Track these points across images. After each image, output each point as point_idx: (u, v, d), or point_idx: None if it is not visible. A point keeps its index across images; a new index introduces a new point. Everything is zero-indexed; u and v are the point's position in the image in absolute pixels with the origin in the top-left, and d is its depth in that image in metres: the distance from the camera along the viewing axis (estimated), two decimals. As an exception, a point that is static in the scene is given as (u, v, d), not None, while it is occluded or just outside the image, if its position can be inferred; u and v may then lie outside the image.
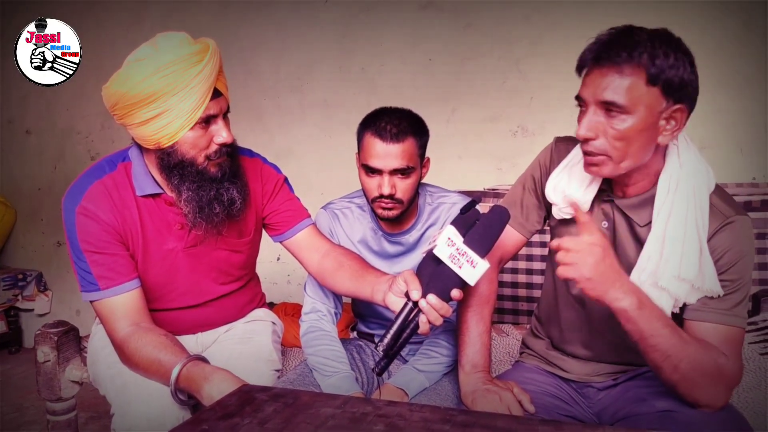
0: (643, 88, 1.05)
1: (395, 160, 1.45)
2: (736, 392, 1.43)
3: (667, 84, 1.05)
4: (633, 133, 1.08)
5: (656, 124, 1.08)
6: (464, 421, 0.91)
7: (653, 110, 1.07)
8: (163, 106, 1.25)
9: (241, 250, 1.54)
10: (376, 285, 1.31)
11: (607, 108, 1.07)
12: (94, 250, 1.35)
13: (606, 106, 1.08)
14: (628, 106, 1.06)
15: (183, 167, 1.33)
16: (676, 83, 1.05)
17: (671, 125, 1.09)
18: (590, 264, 1.02)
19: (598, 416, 1.28)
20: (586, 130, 1.10)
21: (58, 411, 1.74)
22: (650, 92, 1.05)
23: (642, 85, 1.05)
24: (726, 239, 1.10)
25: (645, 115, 1.07)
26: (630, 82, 1.05)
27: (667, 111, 1.07)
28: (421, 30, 2.91)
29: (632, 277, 1.14)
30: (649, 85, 1.05)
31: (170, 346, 1.32)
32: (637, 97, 1.05)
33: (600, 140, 1.10)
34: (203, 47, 1.29)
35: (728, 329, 1.10)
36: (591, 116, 1.10)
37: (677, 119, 1.09)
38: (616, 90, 1.06)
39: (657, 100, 1.06)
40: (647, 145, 1.10)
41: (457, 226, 1.11)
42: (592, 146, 1.11)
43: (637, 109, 1.06)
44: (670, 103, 1.07)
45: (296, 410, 0.95)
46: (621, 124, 1.07)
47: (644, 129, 1.08)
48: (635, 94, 1.05)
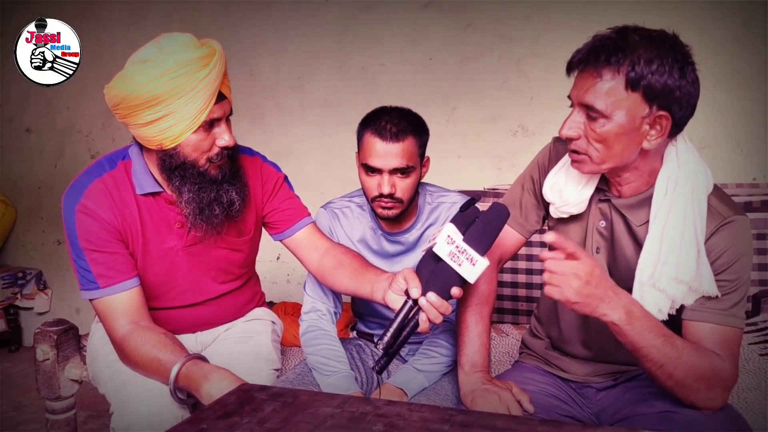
0: (622, 93, 1.05)
1: (395, 160, 1.45)
2: (735, 393, 1.43)
3: (649, 89, 1.05)
4: (611, 137, 1.08)
5: (638, 129, 1.08)
6: (463, 420, 0.91)
7: (634, 115, 1.07)
8: (168, 108, 1.25)
9: (240, 248, 1.54)
10: (375, 283, 1.31)
11: (588, 111, 1.09)
12: (94, 249, 1.35)
13: (587, 109, 1.09)
14: (606, 111, 1.07)
15: (184, 169, 1.33)
16: (657, 89, 1.05)
17: (656, 130, 1.09)
18: (574, 289, 1.02)
19: (598, 416, 1.28)
20: (567, 129, 1.12)
21: (57, 409, 1.74)
22: (630, 97, 1.06)
23: (621, 90, 1.05)
24: (724, 239, 1.10)
25: (625, 120, 1.07)
26: (609, 87, 1.06)
27: (650, 117, 1.07)
28: (422, 29, 2.91)
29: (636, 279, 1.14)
30: (629, 90, 1.05)
31: (169, 344, 1.32)
32: (615, 101, 1.06)
33: (581, 140, 1.12)
34: (210, 51, 1.28)
35: (726, 329, 1.10)
36: (574, 117, 1.12)
37: (662, 125, 1.08)
38: (595, 94, 1.07)
39: (638, 106, 1.06)
40: (628, 148, 1.10)
41: (456, 223, 1.11)
42: (574, 145, 1.14)
43: (615, 113, 1.06)
44: (654, 109, 1.07)
45: (295, 410, 0.95)
46: (600, 128, 1.08)
47: (623, 133, 1.08)
48: (614, 98, 1.06)
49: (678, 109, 1.07)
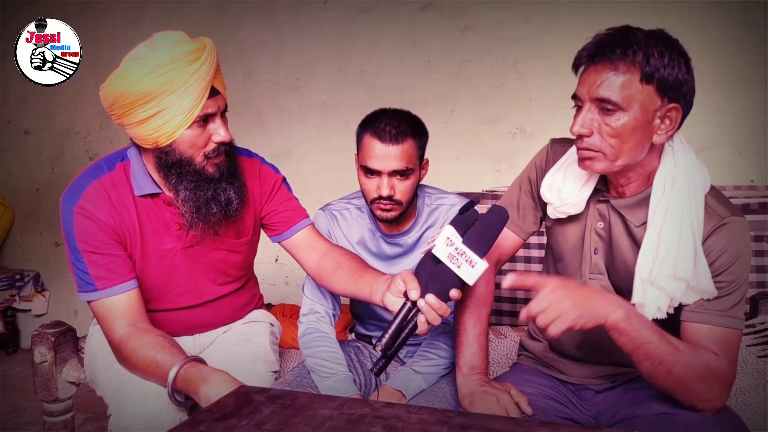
0: (637, 85, 1.06)
1: (394, 162, 1.45)
2: (734, 394, 1.43)
3: (662, 82, 1.06)
4: (627, 131, 1.08)
5: (650, 123, 1.09)
6: (462, 422, 0.91)
7: (647, 108, 1.07)
8: (161, 104, 1.25)
9: (239, 250, 1.54)
10: (374, 285, 1.31)
11: (602, 105, 1.08)
12: (92, 251, 1.34)
13: (601, 104, 1.09)
14: (622, 103, 1.07)
15: (181, 166, 1.33)
16: (670, 82, 1.06)
17: (666, 124, 1.10)
18: (568, 305, 1.02)
19: (596, 418, 1.28)
20: (580, 126, 1.11)
21: (55, 412, 1.74)
22: (644, 90, 1.06)
23: (636, 83, 1.06)
24: (721, 240, 1.10)
25: (639, 113, 1.07)
26: (624, 80, 1.06)
27: (661, 110, 1.08)
28: (420, 31, 2.92)
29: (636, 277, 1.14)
30: (644, 83, 1.06)
31: (168, 347, 1.31)
32: (631, 94, 1.06)
33: (595, 137, 1.11)
34: (200, 45, 1.29)
35: (724, 331, 1.10)
36: (586, 113, 1.11)
37: (672, 119, 1.09)
38: (610, 87, 1.07)
39: (651, 99, 1.07)
40: (641, 143, 1.11)
41: (455, 226, 1.11)
42: (586, 143, 1.12)
43: (631, 106, 1.07)
44: (665, 102, 1.08)
45: (294, 412, 0.95)
46: (615, 122, 1.08)
47: (638, 127, 1.08)
48: (629, 91, 1.06)
49: (684, 103, 1.09)
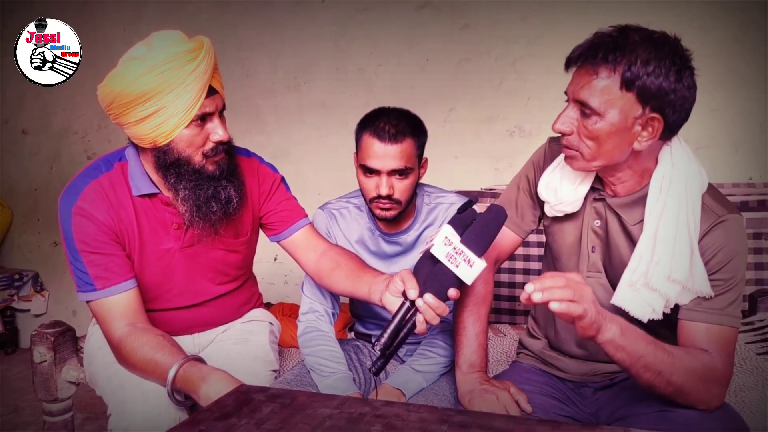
0: (617, 92, 1.06)
1: (393, 161, 1.45)
2: (733, 392, 1.43)
3: (643, 90, 1.05)
4: (603, 135, 1.09)
5: (630, 129, 1.08)
6: (461, 421, 0.91)
7: (627, 115, 1.07)
8: (158, 104, 1.25)
9: (237, 250, 1.54)
10: (373, 284, 1.31)
11: (582, 107, 1.09)
12: (91, 251, 1.34)
13: (581, 106, 1.09)
14: (599, 109, 1.07)
15: (179, 166, 1.33)
16: (652, 90, 1.05)
17: (648, 132, 1.09)
18: (588, 293, 0.99)
19: (595, 416, 1.28)
20: (560, 124, 1.13)
21: (54, 412, 1.74)
22: (624, 97, 1.06)
23: (616, 89, 1.06)
24: (718, 238, 1.10)
25: (617, 119, 1.07)
26: (604, 85, 1.06)
27: (642, 118, 1.07)
28: (419, 30, 2.92)
29: (624, 278, 1.14)
30: (624, 89, 1.05)
31: (167, 346, 1.31)
32: (609, 100, 1.06)
33: (574, 136, 1.13)
34: (197, 45, 1.29)
35: (721, 329, 1.10)
36: (568, 112, 1.12)
37: (653, 127, 1.08)
38: (590, 91, 1.07)
39: (632, 106, 1.06)
40: (619, 147, 1.11)
41: (454, 225, 1.11)
42: (566, 140, 1.14)
43: (608, 112, 1.07)
44: (647, 110, 1.07)
45: (293, 411, 0.95)
46: (592, 125, 1.09)
47: (615, 132, 1.08)
48: (608, 97, 1.06)
49: (671, 112, 1.07)
